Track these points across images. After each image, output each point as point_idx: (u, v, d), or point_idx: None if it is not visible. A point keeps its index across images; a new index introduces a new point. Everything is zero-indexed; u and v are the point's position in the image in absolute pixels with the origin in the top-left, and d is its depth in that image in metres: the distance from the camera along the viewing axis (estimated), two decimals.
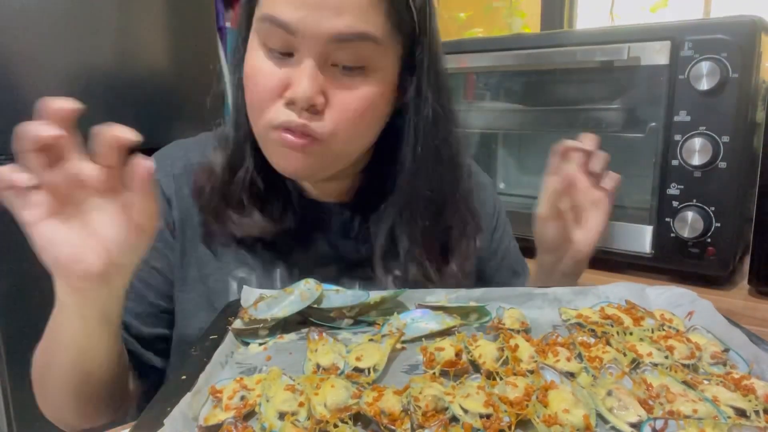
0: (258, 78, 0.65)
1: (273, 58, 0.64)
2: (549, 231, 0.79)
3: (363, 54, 0.63)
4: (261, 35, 0.65)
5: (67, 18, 1.33)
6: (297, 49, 0.62)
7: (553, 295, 0.68)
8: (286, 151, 0.65)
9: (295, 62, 0.63)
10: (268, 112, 0.65)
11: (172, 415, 0.42)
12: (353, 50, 0.62)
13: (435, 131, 0.71)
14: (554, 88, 1.39)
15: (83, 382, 0.62)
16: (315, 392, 0.45)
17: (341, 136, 0.65)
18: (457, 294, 0.67)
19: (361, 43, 0.62)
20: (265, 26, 0.63)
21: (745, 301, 1.06)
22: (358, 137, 0.68)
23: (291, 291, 0.63)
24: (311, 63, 0.62)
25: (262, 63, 0.64)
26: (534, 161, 1.54)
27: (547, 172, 0.78)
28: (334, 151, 0.67)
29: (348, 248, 0.77)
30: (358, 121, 0.66)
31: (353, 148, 0.70)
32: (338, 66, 0.63)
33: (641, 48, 1.09)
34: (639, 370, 0.50)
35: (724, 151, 1.02)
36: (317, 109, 0.63)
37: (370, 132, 0.70)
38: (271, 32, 0.63)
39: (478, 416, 0.43)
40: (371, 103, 0.66)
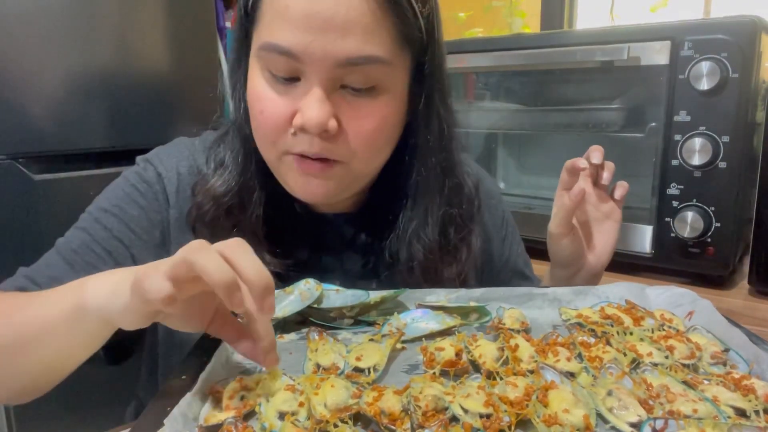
0: (264, 106, 0.62)
1: (278, 84, 0.62)
2: (563, 247, 0.78)
3: (372, 75, 0.61)
4: (263, 62, 0.62)
5: (67, 18, 1.33)
6: (303, 73, 0.60)
7: (553, 295, 0.68)
8: (306, 178, 0.64)
9: (302, 88, 0.61)
10: (280, 142, 0.63)
11: (172, 415, 0.42)
12: (362, 73, 0.60)
13: (443, 136, 0.71)
14: (554, 88, 1.39)
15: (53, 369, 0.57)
16: (315, 392, 0.45)
17: (360, 157, 0.64)
18: (457, 294, 0.67)
19: (370, 65, 0.60)
20: (267, 54, 0.61)
21: (745, 301, 1.06)
22: (376, 157, 0.67)
23: (291, 291, 0.63)
24: (319, 88, 0.60)
25: (267, 91, 0.62)
26: (534, 161, 1.54)
27: (557, 190, 0.78)
28: (354, 172, 0.65)
29: (353, 260, 0.75)
30: (374, 141, 0.64)
31: (373, 167, 0.69)
32: (347, 88, 0.61)
33: (641, 48, 1.09)
34: (639, 370, 0.50)
35: (724, 151, 1.02)
36: (330, 134, 0.61)
37: (388, 148, 0.68)
38: (275, 60, 0.60)
39: (478, 416, 0.43)
40: (386, 122, 0.64)
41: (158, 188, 0.72)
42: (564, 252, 0.78)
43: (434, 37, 0.66)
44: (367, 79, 0.61)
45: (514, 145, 1.56)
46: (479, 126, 1.52)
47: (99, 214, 0.70)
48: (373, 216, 0.75)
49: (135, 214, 0.70)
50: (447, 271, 0.74)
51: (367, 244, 0.75)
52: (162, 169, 0.73)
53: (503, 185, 1.55)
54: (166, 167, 0.73)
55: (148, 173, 0.73)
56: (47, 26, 1.30)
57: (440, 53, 0.68)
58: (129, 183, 0.72)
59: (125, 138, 1.43)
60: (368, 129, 0.63)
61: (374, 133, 0.63)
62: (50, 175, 1.32)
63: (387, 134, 0.66)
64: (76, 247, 0.68)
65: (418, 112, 0.68)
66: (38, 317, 0.55)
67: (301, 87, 0.61)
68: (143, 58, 1.46)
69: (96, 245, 0.68)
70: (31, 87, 1.29)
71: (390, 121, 0.65)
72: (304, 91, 0.60)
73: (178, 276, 0.44)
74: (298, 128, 0.61)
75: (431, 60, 0.66)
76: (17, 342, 0.55)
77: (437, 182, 0.72)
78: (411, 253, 0.72)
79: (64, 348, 0.55)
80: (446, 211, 0.73)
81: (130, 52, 1.44)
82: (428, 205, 0.72)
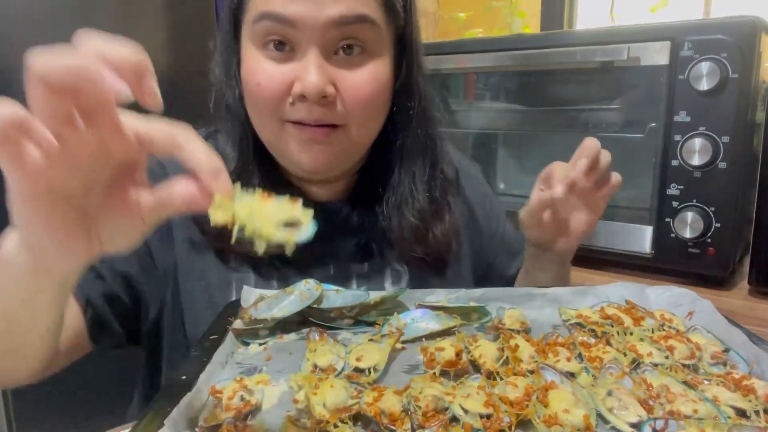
0: (261, 78, 0.64)
1: (272, 57, 0.64)
2: (530, 234, 0.80)
3: (363, 36, 0.64)
4: (257, 36, 0.64)
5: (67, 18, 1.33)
6: (298, 42, 0.63)
7: (553, 295, 0.68)
8: (309, 145, 0.66)
9: (298, 56, 0.63)
10: (279, 112, 0.65)
11: (172, 415, 0.42)
12: (354, 33, 0.63)
13: (422, 103, 0.74)
14: (554, 88, 1.39)
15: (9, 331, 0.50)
16: (314, 392, 0.45)
17: (358, 119, 0.66)
18: (457, 294, 0.67)
19: (361, 25, 0.63)
20: (261, 25, 0.63)
21: (745, 301, 1.06)
22: (372, 119, 0.70)
23: (291, 291, 0.63)
24: (316, 53, 0.62)
25: (264, 63, 0.64)
26: (534, 161, 1.54)
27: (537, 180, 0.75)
28: (353, 136, 0.67)
29: (347, 242, 0.77)
30: (370, 103, 0.67)
31: (369, 132, 0.71)
32: (340, 54, 0.64)
33: (641, 48, 1.09)
34: (639, 370, 0.50)
35: (724, 151, 1.02)
36: (329, 99, 0.63)
37: (381, 115, 0.71)
38: (269, 29, 0.63)
39: (479, 416, 0.43)
40: (379, 83, 0.67)
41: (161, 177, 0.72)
42: (531, 238, 0.80)
43: (411, 9, 0.71)
44: (358, 40, 0.64)
45: (514, 145, 1.55)
46: (479, 126, 1.52)
47: None
48: (362, 199, 0.77)
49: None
50: (436, 230, 0.76)
51: (359, 226, 0.77)
52: (165, 161, 0.72)
53: (503, 185, 1.55)
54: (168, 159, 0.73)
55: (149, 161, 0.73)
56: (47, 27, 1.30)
57: (417, 25, 0.73)
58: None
59: None
60: (364, 91, 0.66)
61: (370, 95, 0.66)
62: None
63: (381, 97, 0.69)
64: None
65: (400, 80, 0.72)
66: None
67: (297, 56, 0.63)
68: None
69: None
70: None
71: (382, 84, 0.68)
72: (300, 59, 0.63)
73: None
74: (297, 96, 0.63)
75: (410, 32, 0.71)
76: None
77: (421, 147, 0.75)
78: (402, 217, 0.75)
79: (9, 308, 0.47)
80: (431, 174, 0.76)
81: None
82: (414, 169, 0.75)
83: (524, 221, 0.79)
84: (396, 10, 0.68)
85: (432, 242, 0.76)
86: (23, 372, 0.57)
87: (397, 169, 0.75)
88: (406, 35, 0.71)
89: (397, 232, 0.75)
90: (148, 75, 0.35)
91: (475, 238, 0.88)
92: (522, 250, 0.92)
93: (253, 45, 0.65)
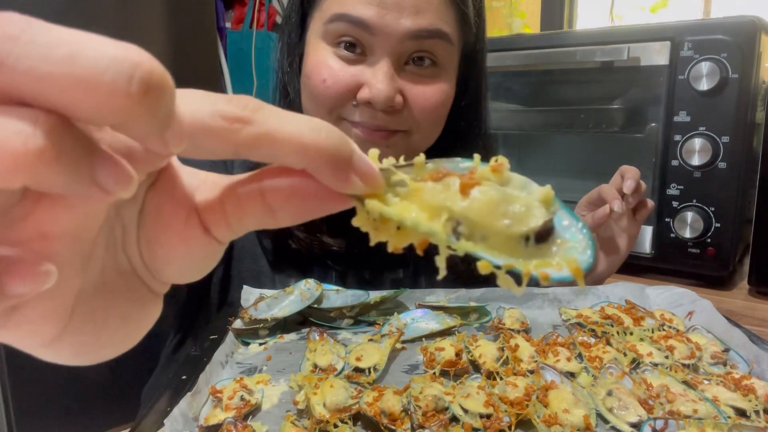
0: (328, 74, 0.62)
1: (342, 56, 0.62)
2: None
3: (437, 52, 0.63)
4: (330, 35, 0.62)
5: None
6: (371, 48, 0.61)
7: (553, 295, 0.68)
8: (366, 145, 0.63)
9: (369, 60, 0.62)
10: (339, 111, 0.63)
11: (172, 415, 0.42)
12: (429, 47, 0.62)
13: (487, 132, 0.75)
14: (554, 89, 1.39)
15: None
16: (314, 392, 0.45)
17: (422, 129, 0.66)
18: (457, 294, 0.67)
19: (437, 41, 0.62)
20: (336, 25, 0.61)
21: (745, 301, 1.06)
22: (434, 133, 0.69)
23: (291, 291, 0.63)
24: (388, 61, 0.61)
25: (332, 60, 0.62)
26: (534, 161, 1.54)
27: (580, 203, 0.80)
28: (412, 143, 0.66)
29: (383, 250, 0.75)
30: (435, 116, 0.66)
31: (428, 142, 0.69)
32: (411, 65, 0.63)
33: (641, 48, 1.09)
34: (639, 370, 0.50)
35: (724, 151, 1.02)
36: (395, 108, 0.62)
37: (440, 128, 0.70)
38: (344, 30, 0.61)
39: (478, 416, 0.43)
40: (445, 99, 0.66)
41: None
42: None
43: (483, 27, 0.70)
44: (432, 54, 0.63)
45: (514, 145, 1.55)
46: None
47: None
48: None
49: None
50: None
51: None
52: None
53: None
54: None
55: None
56: None
57: (485, 44, 0.72)
58: None
59: None
60: (432, 103, 0.64)
61: (437, 108, 0.65)
62: None
63: (444, 110, 0.68)
64: None
65: (467, 99, 0.72)
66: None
67: (368, 61, 0.62)
68: None
69: None
70: None
71: (448, 98, 0.67)
72: (371, 65, 0.62)
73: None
74: (363, 101, 0.62)
75: (481, 48, 0.70)
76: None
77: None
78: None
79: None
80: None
81: None
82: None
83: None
84: (470, 27, 0.67)
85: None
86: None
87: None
88: (478, 54, 0.71)
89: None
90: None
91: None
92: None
93: (323, 41, 0.63)
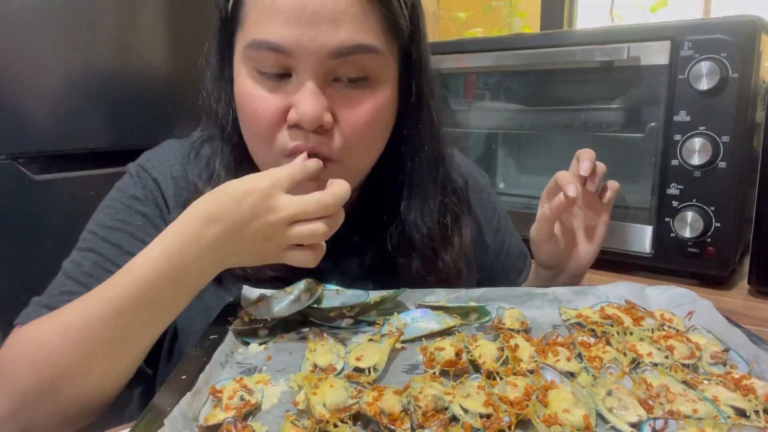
0: (257, 105, 0.61)
1: (268, 81, 0.61)
2: (543, 251, 0.78)
3: (364, 65, 0.61)
4: (251, 62, 0.61)
5: (67, 18, 1.33)
6: (294, 69, 0.59)
7: (553, 295, 0.68)
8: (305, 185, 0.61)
9: (295, 83, 0.60)
10: (275, 141, 0.62)
11: (172, 415, 0.42)
12: (354, 63, 0.60)
13: (433, 125, 0.71)
14: (554, 88, 1.39)
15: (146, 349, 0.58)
16: (314, 392, 0.45)
17: (355, 152, 0.64)
18: (457, 294, 0.67)
19: (362, 55, 0.60)
20: (255, 52, 0.60)
21: (745, 301, 1.06)
22: (371, 150, 0.67)
23: (291, 291, 0.63)
24: (312, 82, 0.59)
25: (258, 89, 0.61)
26: (534, 161, 1.54)
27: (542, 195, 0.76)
28: (350, 168, 0.65)
29: (350, 261, 0.74)
30: (369, 133, 0.64)
31: (368, 161, 0.68)
32: (340, 80, 0.61)
33: (641, 48, 1.09)
34: (639, 370, 0.50)
35: (724, 151, 1.02)
36: (325, 128, 0.61)
37: (381, 141, 0.68)
38: (264, 57, 0.59)
39: (478, 416, 0.43)
40: (380, 113, 0.64)
41: (157, 194, 0.71)
42: (545, 256, 0.79)
43: (419, 27, 0.67)
44: (359, 69, 0.61)
45: (514, 145, 1.55)
46: (479, 126, 1.52)
47: (104, 232, 0.68)
48: (366, 214, 0.74)
49: (140, 224, 0.69)
50: (443, 257, 0.74)
51: (362, 244, 0.75)
52: (156, 174, 0.72)
53: (503, 185, 1.55)
54: (160, 172, 0.72)
55: (144, 180, 0.72)
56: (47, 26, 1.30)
57: (425, 43, 0.69)
58: (127, 194, 0.71)
59: (125, 138, 1.43)
60: (363, 120, 0.62)
61: (369, 124, 0.63)
62: (50, 175, 1.32)
63: (381, 125, 0.66)
64: (88, 269, 0.66)
65: (409, 102, 0.69)
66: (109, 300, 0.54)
67: (293, 82, 0.60)
68: (143, 58, 1.46)
69: (109, 264, 0.66)
70: (30, 87, 1.28)
71: (384, 111, 0.65)
72: (297, 87, 0.60)
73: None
74: (292, 123, 0.60)
75: (417, 49, 0.67)
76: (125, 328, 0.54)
77: (432, 171, 0.72)
78: (411, 243, 0.72)
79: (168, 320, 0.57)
80: (442, 199, 0.74)
81: (130, 52, 1.44)
82: (424, 194, 0.72)
83: (535, 238, 0.78)
84: (400, 29, 0.63)
85: (441, 269, 0.74)
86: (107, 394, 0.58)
87: (406, 192, 0.72)
88: (414, 53, 0.67)
89: (404, 257, 0.73)
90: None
91: (481, 255, 0.86)
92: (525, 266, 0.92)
93: (246, 68, 0.62)
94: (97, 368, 0.55)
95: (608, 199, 0.75)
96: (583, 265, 0.79)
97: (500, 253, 0.90)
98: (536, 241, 0.78)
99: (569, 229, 0.78)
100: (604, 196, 0.75)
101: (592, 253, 0.78)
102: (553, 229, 0.75)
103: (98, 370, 0.55)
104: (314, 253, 0.56)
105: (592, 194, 0.76)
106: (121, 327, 0.54)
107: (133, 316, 0.54)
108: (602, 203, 0.76)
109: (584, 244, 0.78)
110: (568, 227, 0.78)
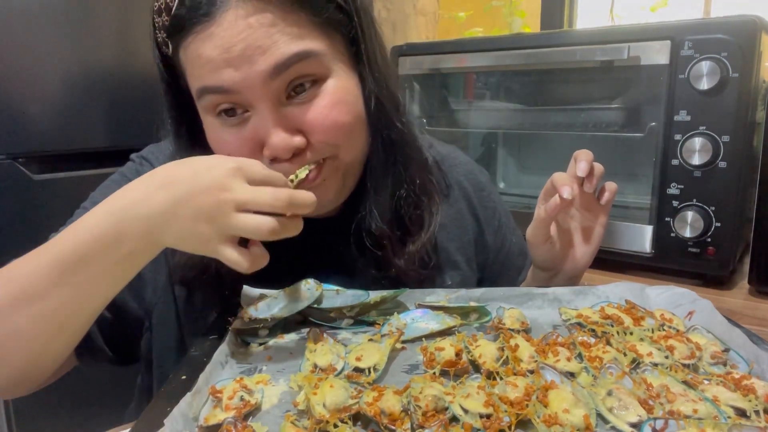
0: (229, 150, 0.62)
1: (232, 119, 0.62)
2: (539, 253, 0.78)
3: (308, 70, 0.61)
4: (209, 107, 0.62)
5: (67, 18, 1.33)
6: (248, 102, 0.60)
7: (553, 295, 0.68)
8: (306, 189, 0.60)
9: (254, 114, 0.61)
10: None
11: (172, 415, 0.42)
12: (296, 71, 0.60)
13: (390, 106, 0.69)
14: (554, 88, 1.39)
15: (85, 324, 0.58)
16: (314, 392, 0.45)
17: (341, 144, 0.64)
18: (457, 294, 0.67)
19: (300, 63, 0.60)
20: (205, 99, 0.61)
21: (745, 301, 1.06)
22: (353, 135, 0.66)
23: (291, 291, 0.63)
24: (268, 108, 0.60)
25: (225, 134, 0.62)
26: (534, 161, 1.54)
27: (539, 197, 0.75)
28: (344, 160, 0.65)
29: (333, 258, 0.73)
30: (338, 122, 0.63)
31: (357, 147, 0.68)
32: (294, 96, 0.61)
33: (641, 48, 1.09)
34: (639, 370, 0.50)
35: (724, 150, 1.02)
36: (301, 148, 0.61)
37: (359, 126, 0.67)
38: (214, 101, 0.61)
39: (478, 416, 0.43)
40: (338, 100, 0.63)
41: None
42: (541, 257, 0.78)
43: (358, 11, 0.66)
44: (303, 75, 0.61)
45: (514, 145, 1.55)
46: (479, 125, 1.52)
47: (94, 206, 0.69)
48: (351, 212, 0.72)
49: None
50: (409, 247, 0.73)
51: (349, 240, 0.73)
52: (158, 164, 0.71)
53: (503, 185, 1.55)
54: (161, 163, 0.72)
55: (144, 168, 0.73)
56: (47, 26, 1.30)
57: (369, 24, 0.68)
58: (126, 177, 0.73)
59: (125, 138, 1.43)
60: (326, 114, 0.62)
61: (334, 115, 0.62)
62: (50, 174, 1.32)
63: (345, 110, 0.64)
64: None
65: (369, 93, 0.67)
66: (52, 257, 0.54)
67: (255, 115, 0.61)
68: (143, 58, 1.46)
69: None
70: (30, 87, 1.29)
71: (342, 96, 0.64)
72: (259, 119, 0.61)
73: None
74: (270, 159, 0.62)
75: (362, 33, 0.66)
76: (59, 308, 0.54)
77: (388, 157, 0.70)
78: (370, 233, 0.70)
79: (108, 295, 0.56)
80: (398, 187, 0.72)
81: (130, 52, 1.44)
82: (381, 185, 0.71)
83: (531, 240, 0.77)
84: (337, 23, 0.64)
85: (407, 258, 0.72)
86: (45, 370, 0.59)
87: (370, 184, 0.71)
88: (358, 42, 0.66)
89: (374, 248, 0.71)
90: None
91: (481, 254, 0.86)
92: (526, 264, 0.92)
93: (208, 115, 0.63)
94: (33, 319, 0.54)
95: (606, 200, 0.74)
96: (579, 267, 0.78)
97: (501, 251, 0.90)
98: (532, 242, 0.77)
99: (566, 231, 0.77)
100: (602, 198, 0.74)
101: (589, 255, 0.78)
102: (549, 231, 0.75)
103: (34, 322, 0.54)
104: (251, 257, 0.52)
105: (590, 195, 0.75)
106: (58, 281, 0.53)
107: (69, 272, 0.53)
108: (600, 205, 0.75)
109: (581, 246, 0.77)
110: (564, 229, 0.77)
